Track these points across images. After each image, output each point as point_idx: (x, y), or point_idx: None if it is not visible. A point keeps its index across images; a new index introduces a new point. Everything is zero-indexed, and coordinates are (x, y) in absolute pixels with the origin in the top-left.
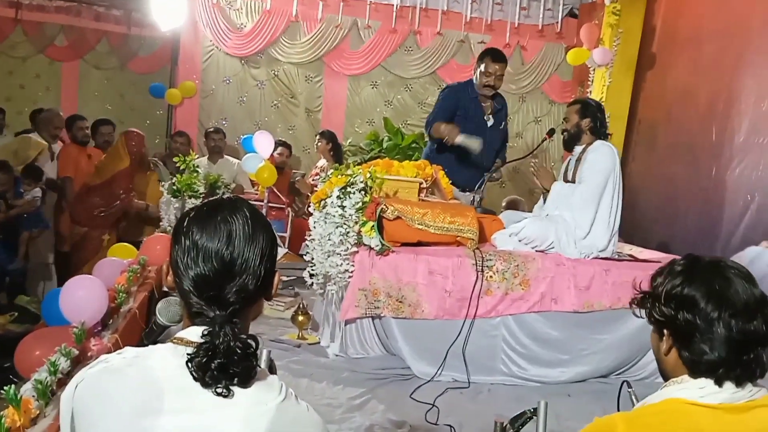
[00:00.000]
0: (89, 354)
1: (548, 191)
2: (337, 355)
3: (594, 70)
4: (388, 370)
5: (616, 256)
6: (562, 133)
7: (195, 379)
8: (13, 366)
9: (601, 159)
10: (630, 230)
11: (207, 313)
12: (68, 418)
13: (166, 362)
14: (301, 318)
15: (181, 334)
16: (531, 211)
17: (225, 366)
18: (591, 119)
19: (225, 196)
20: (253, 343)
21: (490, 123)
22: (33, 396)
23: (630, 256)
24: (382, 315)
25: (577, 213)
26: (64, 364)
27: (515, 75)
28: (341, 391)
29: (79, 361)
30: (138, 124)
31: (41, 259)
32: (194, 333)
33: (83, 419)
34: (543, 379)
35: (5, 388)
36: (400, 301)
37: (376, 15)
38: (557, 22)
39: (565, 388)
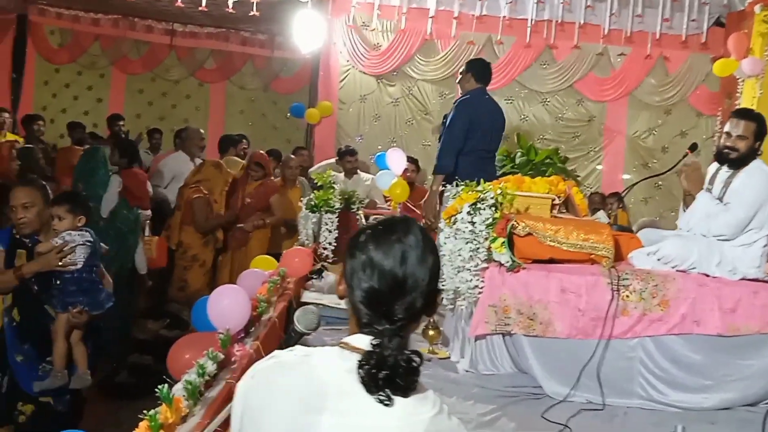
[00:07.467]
0: (233, 359)
1: (692, 197)
2: (467, 371)
3: (743, 81)
4: (518, 388)
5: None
6: (725, 150)
7: (362, 384)
8: (166, 368)
9: (755, 186)
10: None
11: (375, 325)
12: (240, 405)
13: (332, 363)
14: (431, 332)
15: (348, 339)
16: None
17: (391, 378)
18: (761, 142)
19: (398, 217)
20: (418, 359)
21: None
22: (183, 396)
23: None
24: (512, 332)
25: (719, 239)
26: (211, 367)
27: (659, 86)
28: (471, 406)
29: (224, 365)
30: (279, 142)
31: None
32: (361, 340)
33: (252, 409)
34: (684, 404)
35: (159, 387)
36: (531, 319)
37: (510, 30)
38: (702, 32)
39: (709, 415)
